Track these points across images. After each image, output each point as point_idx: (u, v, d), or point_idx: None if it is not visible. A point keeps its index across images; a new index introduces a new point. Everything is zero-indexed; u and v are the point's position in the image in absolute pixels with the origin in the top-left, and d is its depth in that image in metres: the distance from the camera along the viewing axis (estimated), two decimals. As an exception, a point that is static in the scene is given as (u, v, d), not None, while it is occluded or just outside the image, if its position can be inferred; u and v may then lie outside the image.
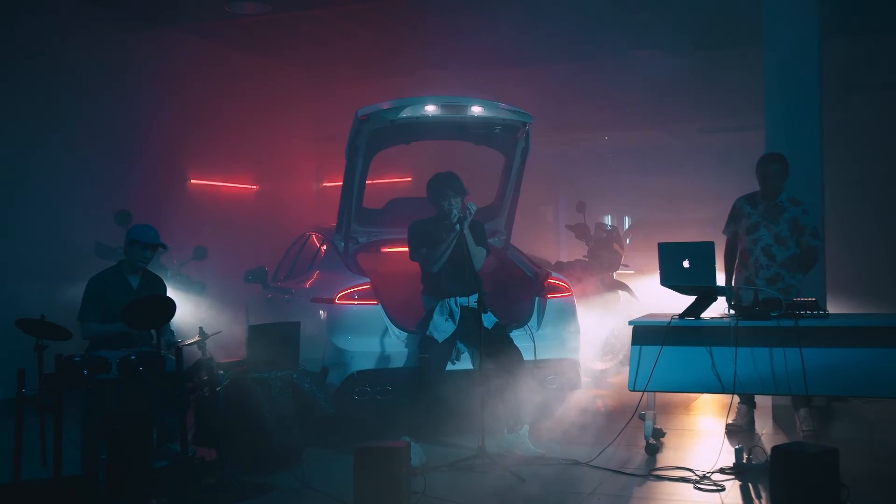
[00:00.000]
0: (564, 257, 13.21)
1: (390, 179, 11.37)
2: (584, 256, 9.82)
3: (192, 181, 11.01)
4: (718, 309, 5.83)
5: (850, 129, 10.07)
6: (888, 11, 9.25)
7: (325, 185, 13.33)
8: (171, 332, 5.79)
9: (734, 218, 6.41)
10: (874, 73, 10.41)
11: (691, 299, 5.77)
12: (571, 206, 14.48)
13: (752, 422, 6.38)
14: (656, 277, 6.01)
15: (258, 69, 11.90)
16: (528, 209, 7.26)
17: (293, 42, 11.56)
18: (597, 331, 8.52)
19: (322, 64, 12.49)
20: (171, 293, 5.79)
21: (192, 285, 7.88)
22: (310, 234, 8.06)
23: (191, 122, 10.49)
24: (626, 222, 15.65)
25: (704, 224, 12.74)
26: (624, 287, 9.54)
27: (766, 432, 6.35)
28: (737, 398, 6.30)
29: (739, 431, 6.24)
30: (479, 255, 5.82)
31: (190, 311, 7.37)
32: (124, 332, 5.46)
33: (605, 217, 14.61)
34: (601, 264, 9.53)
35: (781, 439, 5.97)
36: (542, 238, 14.93)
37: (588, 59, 11.91)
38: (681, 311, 5.72)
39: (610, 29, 10.31)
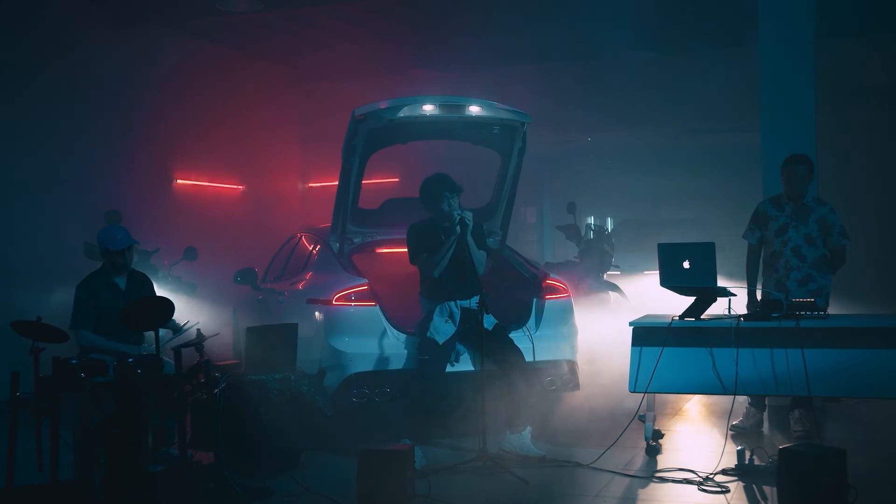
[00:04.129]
0: (551, 258, 13.24)
1: (378, 180, 11.30)
2: (574, 257, 9.83)
3: (179, 181, 10.91)
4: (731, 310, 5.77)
5: (845, 130, 10.15)
6: (881, 14, 9.33)
7: (310, 185, 13.25)
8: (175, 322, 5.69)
9: (759, 222, 6.34)
10: (868, 75, 10.49)
11: (683, 298, 5.76)
12: (556, 207, 14.52)
13: (760, 423, 6.36)
14: (644, 278, 6.03)
15: (244, 68, 11.80)
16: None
17: (280, 41, 11.49)
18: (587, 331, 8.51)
19: (309, 63, 12.42)
20: (162, 295, 5.69)
21: (183, 287, 7.79)
22: (300, 235, 7.98)
23: (177, 121, 10.40)
24: (609, 223, 15.72)
25: (687, 224, 12.86)
26: (614, 287, 9.55)
27: (763, 433, 6.36)
28: (743, 400, 6.28)
29: (745, 433, 6.22)
30: (480, 258, 5.79)
31: (182, 313, 7.26)
32: (120, 352, 5.37)
33: (589, 218, 14.67)
34: (591, 265, 9.54)
35: (778, 440, 5.98)
36: (523, 239, 14.94)
37: (576, 59, 11.93)
38: (672, 311, 5.72)
39: (599, 30, 10.33)
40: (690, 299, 5.74)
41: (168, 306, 5.00)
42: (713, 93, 11.32)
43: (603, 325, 8.10)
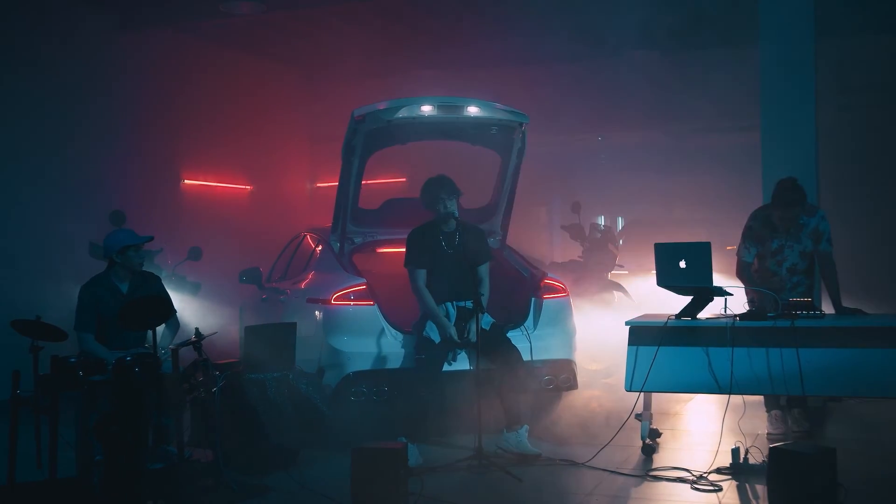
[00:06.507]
0: (558, 258, 13.23)
1: (384, 180, 11.35)
2: (578, 257, 9.83)
3: (186, 181, 10.99)
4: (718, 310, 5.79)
5: (845, 131, 10.09)
6: (883, 13, 9.28)
7: (318, 185, 13.32)
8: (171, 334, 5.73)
9: (755, 241, 6.18)
10: (869, 74, 10.43)
11: (685, 299, 5.78)
12: (565, 207, 14.50)
13: (784, 421, 6.20)
14: (651, 278, 6.02)
15: (252, 69, 11.87)
16: (520, 209, 7.27)
17: (287, 42, 11.54)
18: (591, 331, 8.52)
19: (316, 64, 12.47)
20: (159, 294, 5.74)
21: (187, 286, 7.85)
22: (304, 235, 8.04)
23: (184, 121, 10.47)
24: (620, 223, 15.68)
25: (698, 224, 12.81)
26: (618, 287, 9.55)
27: (760, 433, 6.35)
28: (738, 399, 6.24)
29: (783, 436, 6.03)
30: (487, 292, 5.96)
31: (186, 312, 7.34)
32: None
33: (599, 217, 14.63)
34: (596, 265, 9.54)
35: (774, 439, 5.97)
36: (535, 238, 14.91)
37: (582, 59, 11.92)
38: (675, 311, 5.74)
39: (605, 29, 10.32)
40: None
41: (165, 305, 5.05)
42: (724, 92, 11.26)
43: (605, 324, 8.12)
